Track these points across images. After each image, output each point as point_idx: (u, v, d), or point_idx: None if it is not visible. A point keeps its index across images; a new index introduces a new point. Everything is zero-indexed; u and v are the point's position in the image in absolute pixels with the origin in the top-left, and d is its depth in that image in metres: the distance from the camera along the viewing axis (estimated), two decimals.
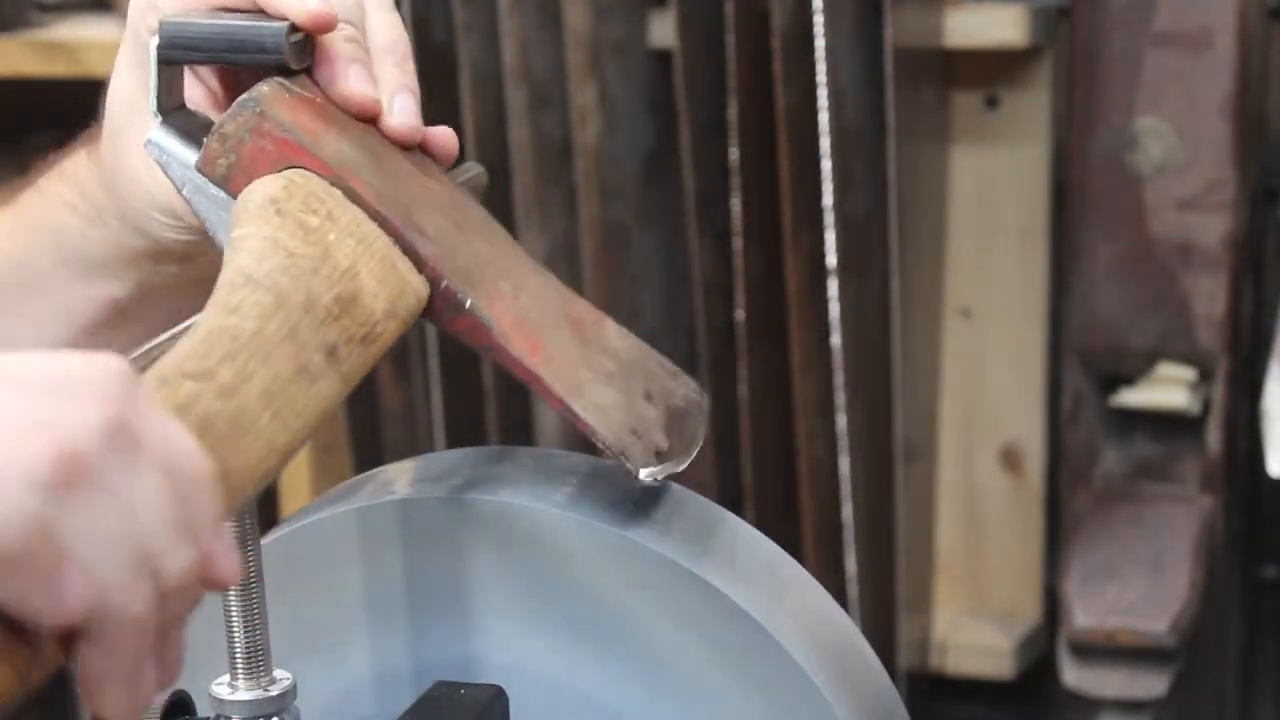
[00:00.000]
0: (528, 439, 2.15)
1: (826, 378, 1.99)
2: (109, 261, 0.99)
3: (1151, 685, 1.89)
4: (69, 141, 1.03)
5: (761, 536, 0.90)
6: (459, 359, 2.13)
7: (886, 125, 1.95)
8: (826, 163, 1.92)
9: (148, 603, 0.63)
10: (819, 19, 1.89)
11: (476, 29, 2.08)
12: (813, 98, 1.92)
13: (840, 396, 1.97)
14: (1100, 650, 1.90)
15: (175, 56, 0.87)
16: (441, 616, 0.89)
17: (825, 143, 1.92)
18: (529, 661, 0.88)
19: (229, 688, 0.84)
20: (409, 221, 0.84)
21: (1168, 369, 1.98)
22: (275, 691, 0.84)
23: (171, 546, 0.64)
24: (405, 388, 2.19)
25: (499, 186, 2.07)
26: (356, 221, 0.83)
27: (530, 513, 0.86)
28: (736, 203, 1.99)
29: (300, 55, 0.87)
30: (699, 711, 0.86)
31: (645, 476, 0.84)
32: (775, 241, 1.99)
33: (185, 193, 0.87)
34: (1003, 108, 2.12)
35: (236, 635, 0.83)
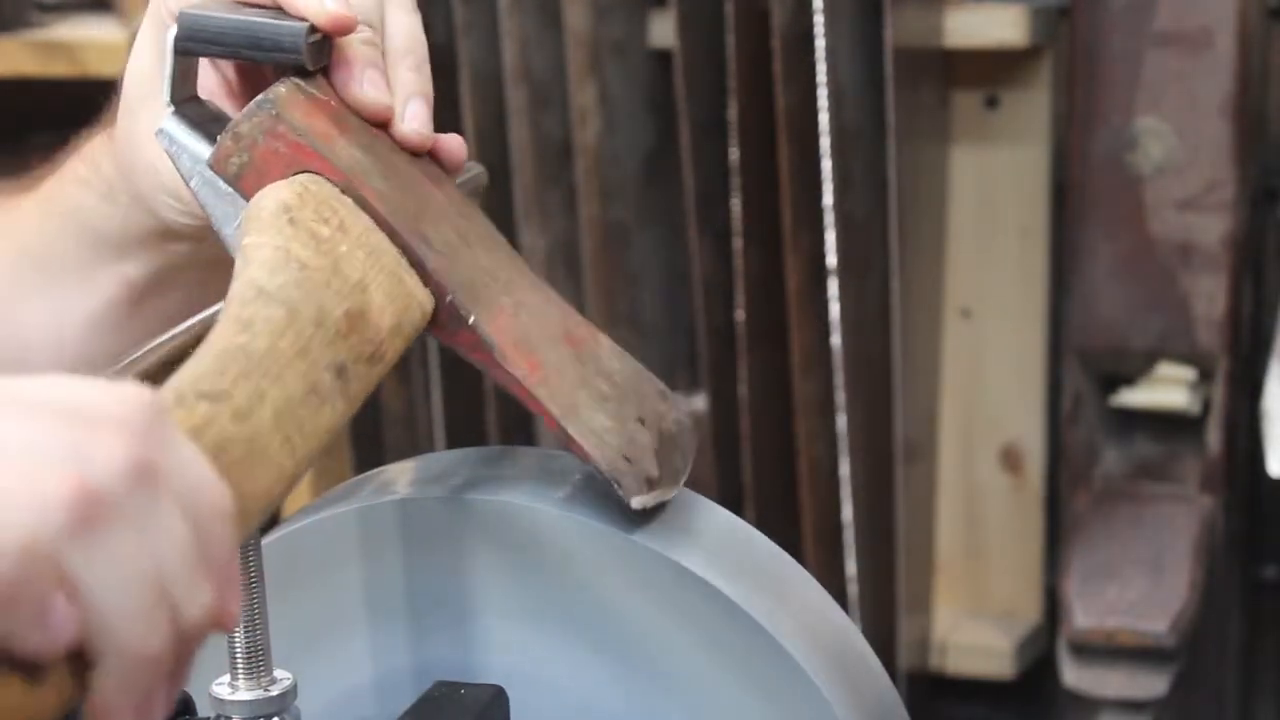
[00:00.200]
0: (528, 439, 2.15)
1: (826, 378, 1.99)
2: (122, 240, 0.99)
3: (1151, 685, 1.89)
4: (68, 141, 1.03)
5: (762, 536, 0.90)
6: (459, 360, 2.12)
7: (886, 125, 1.95)
8: (826, 163, 1.92)
9: (165, 639, 0.62)
10: (819, 19, 1.89)
11: (476, 29, 2.08)
12: (813, 98, 1.92)
13: (840, 396, 1.97)
14: (1100, 650, 1.89)
15: (192, 49, 0.87)
16: (442, 616, 0.89)
17: (825, 143, 1.92)
18: (529, 661, 0.88)
19: (229, 688, 0.84)
20: (417, 232, 0.84)
21: (1168, 369, 1.98)
22: (275, 691, 0.84)
23: (191, 582, 0.63)
24: (405, 388, 2.19)
25: (499, 186, 2.07)
26: (366, 232, 0.83)
27: (530, 513, 0.86)
28: (736, 203, 1.99)
29: (317, 56, 0.87)
30: (699, 712, 0.86)
31: (636, 505, 0.84)
32: (775, 241, 1.99)
33: (193, 185, 0.86)
34: (1003, 108, 2.12)
35: (236, 635, 0.83)
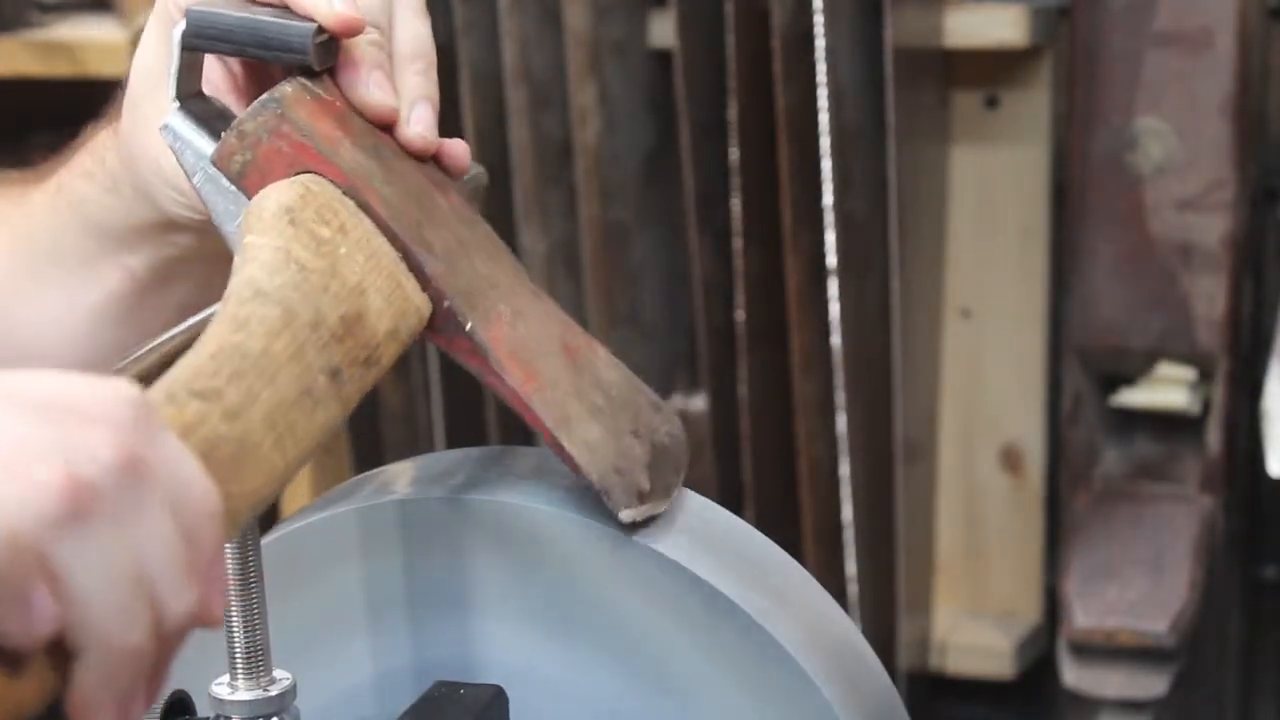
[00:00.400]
0: (527, 439, 2.14)
1: (826, 378, 1.99)
2: (125, 232, 0.99)
3: (1151, 685, 1.89)
4: (69, 141, 1.04)
5: (761, 536, 0.90)
6: None
7: (886, 125, 1.95)
8: (826, 163, 1.92)
9: (147, 634, 0.63)
10: (819, 19, 1.89)
11: (476, 29, 2.08)
12: (813, 98, 1.92)
13: (840, 396, 1.97)
14: (1100, 650, 1.90)
15: (199, 45, 0.87)
16: (441, 616, 0.89)
17: (825, 143, 1.92)
18: (529, 661, 0.88)
19: (229, 688, 0.84)
20: (417, 237, 0.84)
21: (1168, 369, 1.98)
22: (275, 691, 0.84)
23: (175, 580, 0.63)
24: (405, 388, 2.19)
25: (499, 186, 2.07)
26: (367, 235, 0.83)
27: (530, 513, 0.86)
28: (736, 203, 1.99)
29: (324, 57, 0.87)
30: (698, 712, 0.86)
31: (626, 519, 0.84)
32: (775, 241, 1.99)
33: (196, 180, 0.86)
34: (1003, 108, 2.12)
35: (236, 635, 0.83)
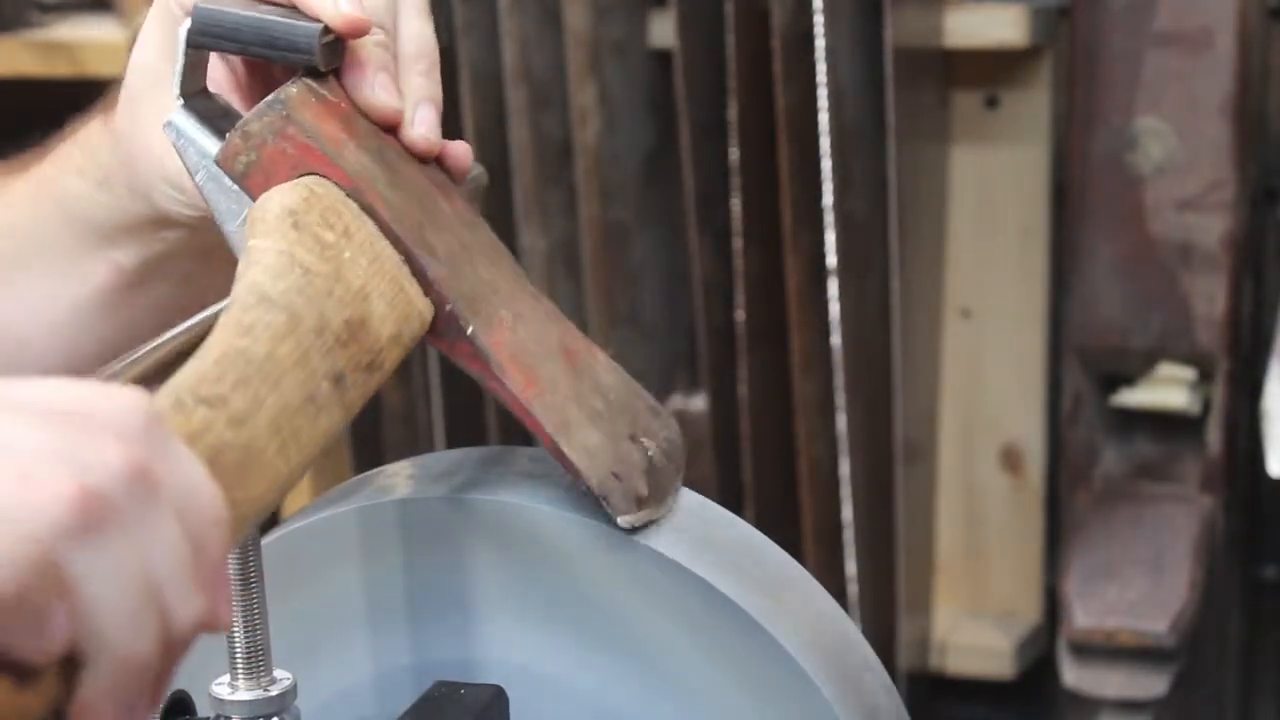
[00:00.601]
0: (527, 440, 2.13)
1: (826, 378, 1.99)
2: (115, 228, 0.99)
3: (1151, 685, 1.89)
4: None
5: (762, 536, 0.90)
6: None
7: (886, 125, 1.95)
8: (826, 163, 1.92)
9: (154, 645, 0.62)
10: (819, 19, 1.89)
11: (476, 29, 2.08)
12: (813, 98, 1.92)
13: (840, 396, 1.97)
14: (1100, 650, 1.90)
15: (205, 44, 0.87)
16: (441, 616, 0.89)
17: (825, 143, 1.92)
18: (529, 661, 0.88)
19: (229, 688, 0.84)
20: (420, 240, 0.84)
21: (1168, 369, 1.98)
22: (275, 691, 0.84)
23: (183, 590, 0.63)
24: (405, 388, 2.19)
25: (499, 186, 2.07)
26: (370, 239, 0.83)
27: (530, 513, 0.86)
28: (736, 203, 1.99)
29: (330, 57, 0.86)
30: (698, 712, 0.86)
31: (624, 524, 0.84)
32: (775, 241, 1.99)
33: (199, 179, 0.86)
34: (1003, 108, 2.12)
35: (236, 635, 0.83)
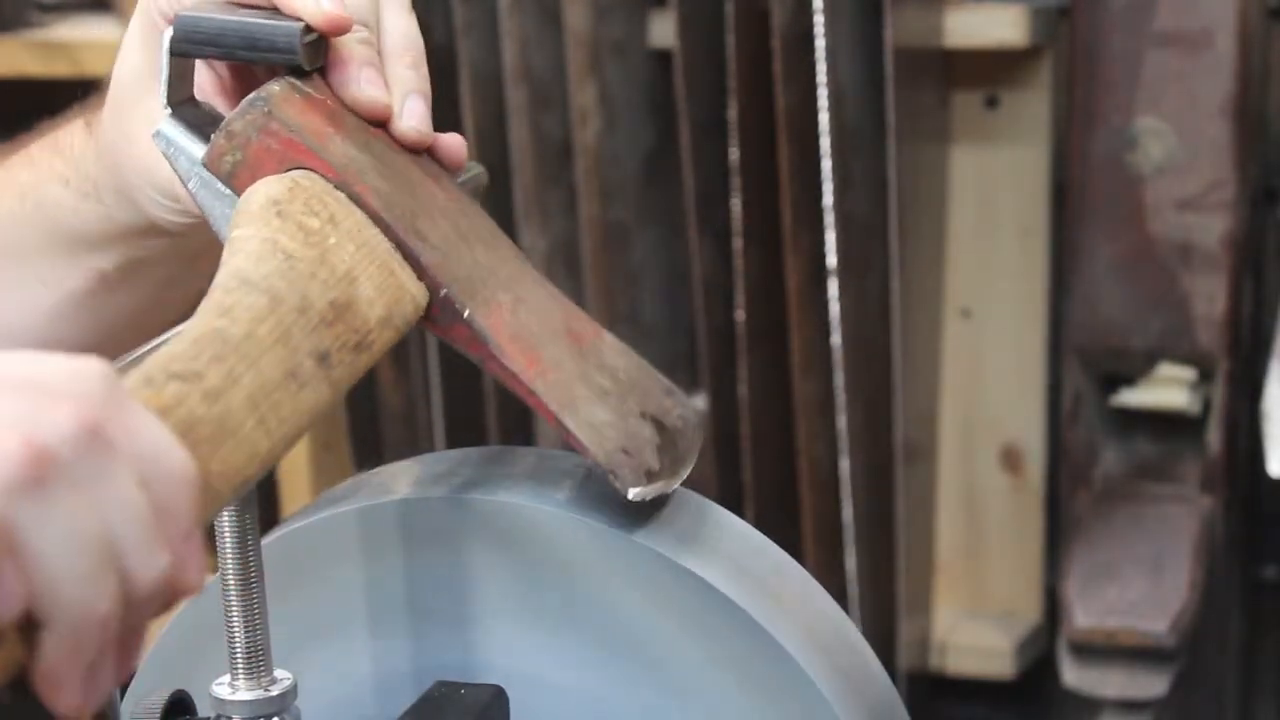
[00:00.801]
0: (527, 439, 2.15)
1: (826, 378, 1.99)
2: (98, 236, 0.99)
3: (1151, 685, 1.89)
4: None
5: (761, 536, 0.90)
6: (459, 359, 2.11)
7: (886, 125, 1.95)
8: (826, 163, 1.92)
9: (113, 602, 0.62)
10: (819, 19, 1.89)
11: (476, 29, 2.08)
12: (813, 98, 1.92)
13: (840, 396, 1.97)
14: (1100, 650, 1.90)
15: (189, 50, 0.87)
16: (442, 616, 0.89)
17: (825, 143, 1.92)
18: (529, 661, 0.88)
19: (229, 688, 0.83)
20: (412, 228, 0.84)
21: (1168, 369, 1.98)
22: (275, 691, 0.84)
23: (144, 548, 0.63)
24: (405, 387, 2.19)
25: (499, 186, 2.07)
26: (359, 226, 0.83)
27: (530, 513, 0.86)
28: (736, 203, 1.99)
29: (313, 56, 0.87)
30: (699, 712, 0.86)
31: (634, 496, 0.84)
32: (775, 241, 1.99)
33: (191, 186, 0.87)
34: (1003, 108, 2.12)
35: (236, 635, 0.83)
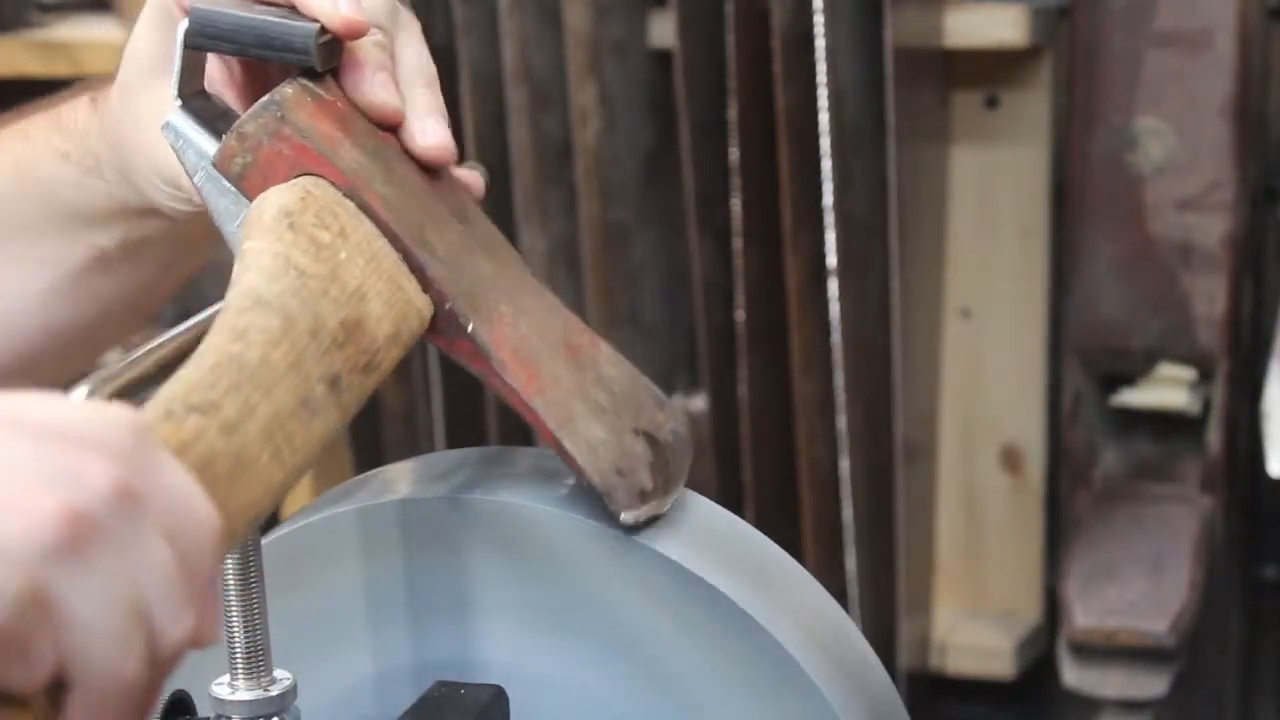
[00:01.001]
0: (527, 439, 2.14)
1: (826, 378, 1.99)
2: (100, 213, 0.99)
3: (1151, 685, 1.89)
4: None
5: (761, 536, 0.90)
6: None
7: (886, 125, 1.95)
8: (826, 163, 1.92)
9: (141, 665, 0.61)
10: (819, 19, 1.89)
11: (476, 29, 2.08)
12: (813, 98, 1.92)
13: (840, 396, 1.97)
14: (1100, 650, 1.90)
15: (203, 44, 0.87)
16: (442, 616, 0.89)
17: (825, 143, 1.92)
18: (529, 661, 0.88)
19: (229, 688, 0.83)
20: (419, 238, 0.84)
21: (1168, 369, 1.98)
22: (275, 691, 0.84)
23: (171, 607, 0.62)
24: (405, 388, 2.19)
25: (499, 186, 2.07)
26: (368, 238, 0.83)
27: (530, 513, 0.86)
28: (736, 203, 1.99)
29: (328, 58, 0.86)
30: (698, 712, 0.86)
31: (628, 520, 0.84)
32: (775, 241, 1.99)
33: (197, 180, 0.87)
34: (1003, 108, 2.12)
35: (236, 635, 0.83)
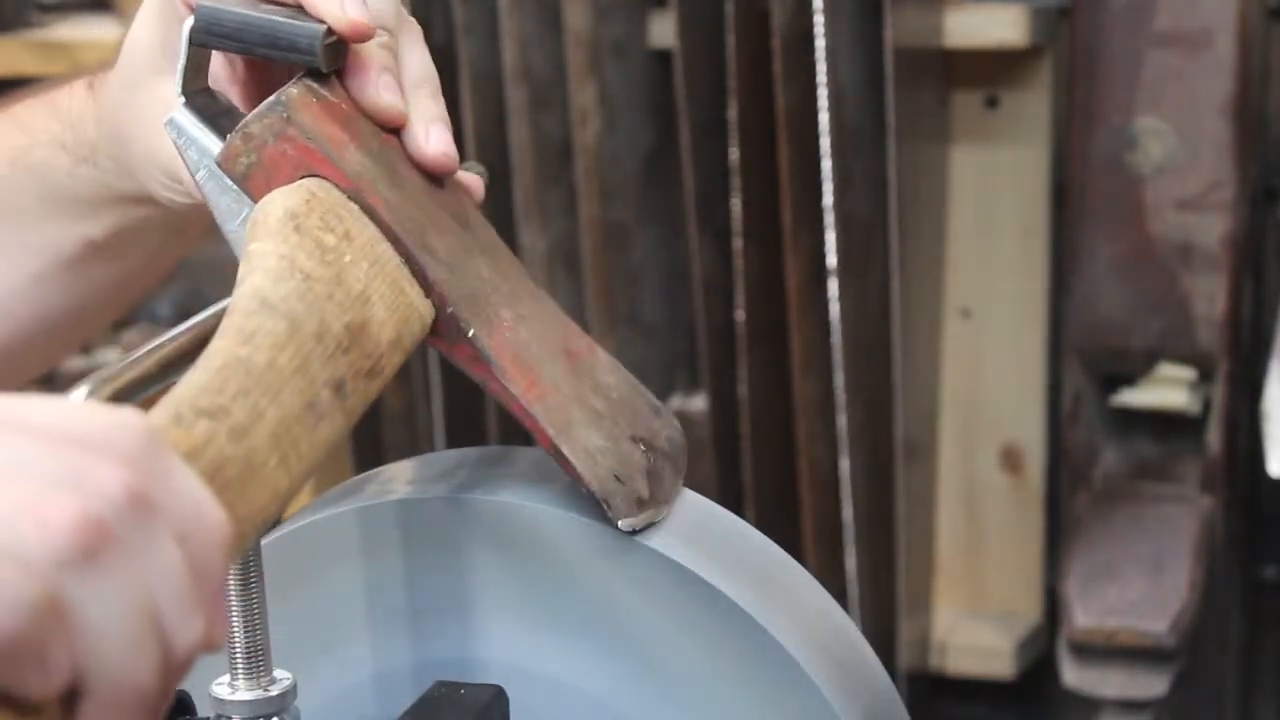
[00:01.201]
0: (527, 439, 2.14)
1: (826, 378, 1.99)
2: (93, 200, 0.99)
3: (1151, 685, 1.89)
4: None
5: (761, 536, 0.90)
6: None
7: (886, 125, 1.95)
8: (826, 163, 1.92)
9: (154, 670, 0.61)
10: (819, 19, 1.89)
11: (476, 29, 2.08)
12: (813, 98, 1.92)
13: (840, 396, 1.97)
14: (1100, 650, 1.90)
15: (208, 42, 0.87)
16: (441, 616, 0.89)
17: (825, 143, 1.92)
18: (529, 661, 0.88)
19: (229, 688, 0.83)
20: (421, 241, 0.84)
21: (1168, 369, 1.98)
22: (275, 691, 0.84)
23: (183, 613, 0.62)
24: (405, 388, 2.19)
25: (499, 186, 2.07)
26: (372, 241, 0.83)
27: (530, 512, 0.86)
28: (736, 203, 1.99)
29: (333, 59, 0.86)
30: (698, 712, 0.86)
31: (625, 527, 0.84)
32: (775, 241, 1.99)
33: (199, 177, 0.87)
34: (1003, 108, 2.12)
35: (236, 635, 0.83)
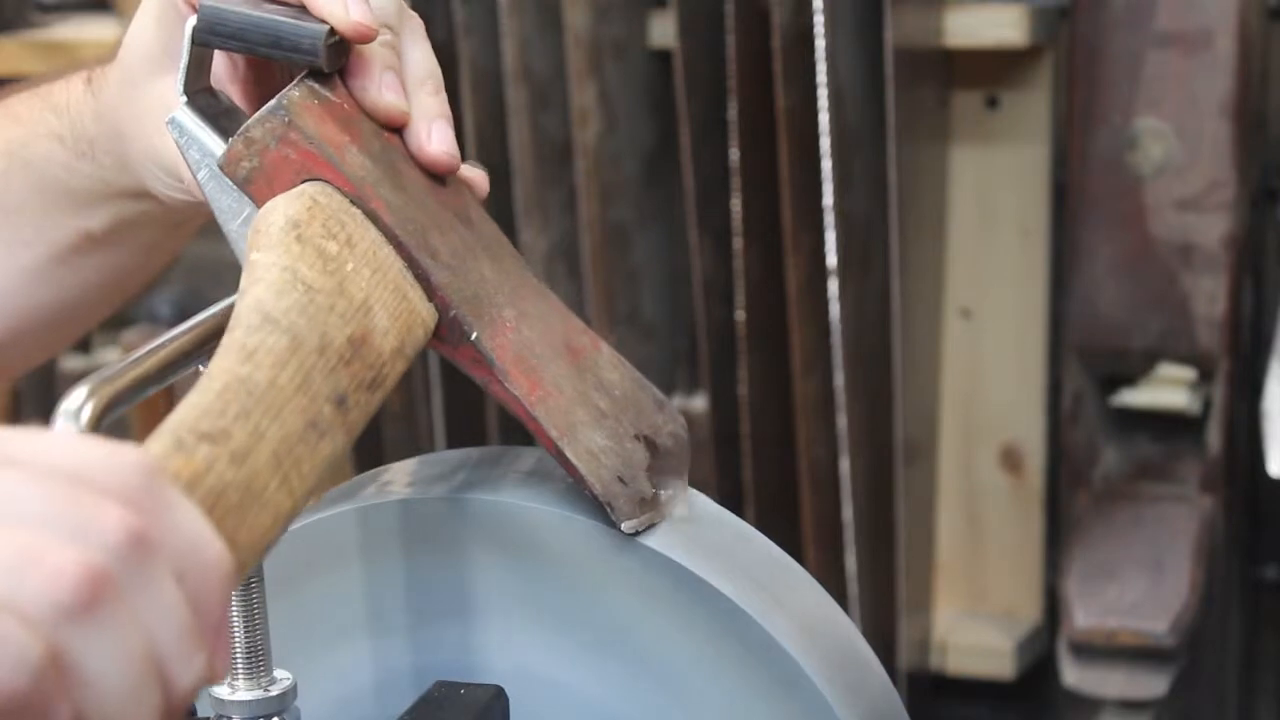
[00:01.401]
0: (527, 439, 2.14)
1: (826, 378, 1.99)
2: (90, 195, 0.99)
3: (1151, 685, 1.89)
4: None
5: (761, 536, 0.90)
6: None
7: (886, 125, 1.95)
8: (826, 163, 1.92)
9: (156, 712, 0.61)
10: (819, 19, 1.89)
11: (476, 29, 2.08)
12: (813, 98, 1.92)
13: (840, 396, 1.97)
14: (1100, 650, 1.90)
15: (211, 41, 0.87)
16: (442, 616, 0.89)
17: (825, 143, 1.92)
18: (529, 661, 0.88)
19: (229, 688, 0.84)
20: (423, 244, 0.84)
21: (1168, 369, 1.98)
22: (275, 691, 0.84)
23: (185, 653, 0.61)
24: (405, 388, 2.19)
25: (499, 186, 2.07)
26: (374, 247, 0.83)
27: (531, 513, 0.86)
28: (736, 203, 1.99)
29: (335, 59, 0.86)
30: (698, 712, 0.86)
31: (629, 529, 0.84)
32: (775, 241, 1.99)
33: (200, 177, 0.87)
34: (1003, 108, 2.12)
35: (236, 635, 0.83)
